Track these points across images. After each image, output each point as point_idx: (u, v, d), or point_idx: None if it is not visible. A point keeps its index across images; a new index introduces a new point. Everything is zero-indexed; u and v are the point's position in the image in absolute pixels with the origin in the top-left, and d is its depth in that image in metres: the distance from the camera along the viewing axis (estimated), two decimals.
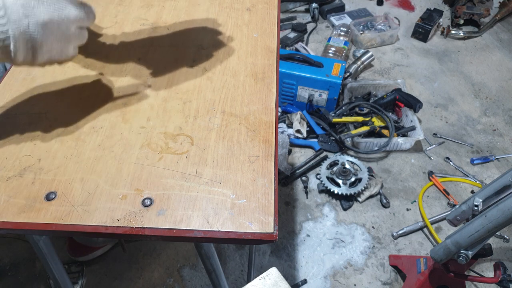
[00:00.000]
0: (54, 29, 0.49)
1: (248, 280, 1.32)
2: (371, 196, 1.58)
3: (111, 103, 0.62)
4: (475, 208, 0.96)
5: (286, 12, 2.51)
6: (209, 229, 0.47)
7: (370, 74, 2.12)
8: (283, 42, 2.20)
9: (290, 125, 1.80)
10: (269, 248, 1.42)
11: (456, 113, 1.94)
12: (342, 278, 1.36)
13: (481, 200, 0.96)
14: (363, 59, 2.06)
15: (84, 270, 1.33)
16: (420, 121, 1.81)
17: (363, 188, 1.54)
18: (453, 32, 2.35)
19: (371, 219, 1.52)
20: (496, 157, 1.73)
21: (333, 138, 1.73)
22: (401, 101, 1.76)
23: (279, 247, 1.43)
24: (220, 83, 0.65)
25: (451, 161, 1.71)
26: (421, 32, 2.31)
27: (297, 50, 2.16)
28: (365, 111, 1.78)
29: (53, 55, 0.51)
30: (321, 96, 1.77)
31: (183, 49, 0.71)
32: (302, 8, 2.52)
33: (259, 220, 0.48)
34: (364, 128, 1.70)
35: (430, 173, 1.65)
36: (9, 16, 0.47)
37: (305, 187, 1.61)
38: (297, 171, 1.66)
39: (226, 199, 0.50)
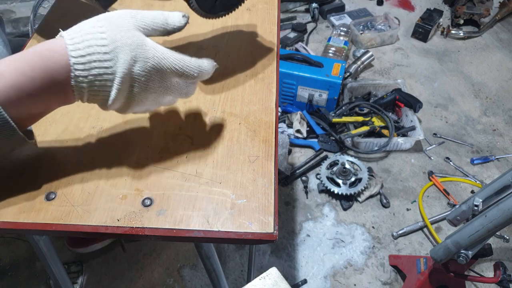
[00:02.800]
0: (157, 79, 0.45)
1: (248, 280, 1.32)
2: (371, 196, 1.58)
3: None
4: (475, 208, 0.96)
5: (286, 12, 2.50)
6: (209, 229, 0.47)
7: (370, 74, 2.12)
8: (283, 42, 2.20)
9: (290, 125, 1.80)
10: (269, 248, 1.42)
11: (456, 113, 1.94)
12: (342, 278, 1.36)
13: (481, 200, 0.96)
14: (363, 59, 2.06)
15: (84, 270, 1.33)
16: (420, 121, 1.81)
17: (363, 188, 1.54)
18: (453, 32, 2.35)
19: (371, 219, 1.52)
20: (496, 157, 1.73)
21: (333, 138, 1.73)
22: (401, 101, 1.76)
23: (279, 247, 1.43)
24: (220, 83, 0.65)
25: (451, 161, 1.71)
26: (421, 32, 2.31)
27: (297, 50, 2.16)
28: (365, 111, 1.78)
29: (148, 106, 0.47)
30: (321, 96, 1.77)
31: (183, 49, 0.71)
32: (302, 8, 2.52)
33: (259, 220, 0.48)
34: (364, 128, 1.70)
35: (430, 173, 1.65)
36: (117, 54, 0.41)
37: (305, 187, 1.61)
38: (297, 171, 1.66)
39: (226, 199, 0.50)
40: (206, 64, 0.48)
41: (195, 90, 0.52)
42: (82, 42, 0.41)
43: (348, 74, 1.97)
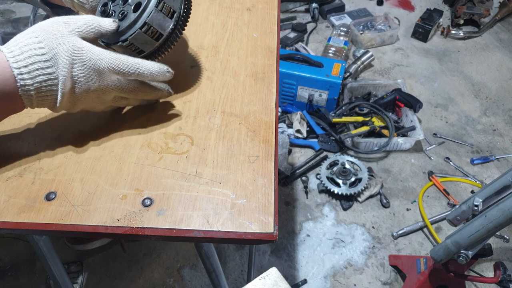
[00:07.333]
0: (95, 78, 0.49)
1: (248, 280, 1.32)
2: (371, 196, 1.58)
3: None
4: (475, 208, 0.96)
5: (286, 12, 2.51)
6: (209, 229, 0.47)
7: (370, 74, 2.12)
8: (283, 42, 2.20)
9: (290, 125, 1.80)
10: (269, 248, 1.42)
11: (456, 113, 1.94)
12: (342, 278, 1.36)
13: (481, 200, 0.96)
14: (363, 59, 2.06)
15: (84, 270, 1.33)
16: (420, 121, 1.81)
17: (363, 188, 1.54)
18: (453, 32, 2.35)
19: (371, 219, 1.52)
20: (496, 157, 1.73)
21: (333, 138, 1.73)
22: (401, 101, 1.76)
23: (279, 247, 1.43)
24: (220, 83, 0.65)
25: (451, 161, 1.71)
26: (421, 32, 2.31)
27: (297, 50, 2.16)
28: (365, 111, 1.78)
29: (91, 104, 0.52)
30: (321, 96, 1.77)
31: (183, 49, 0.71)
32: (302, 8, 2.52)
33: (259, 220, 0.48)
34: (364, 128, 1.70)
35: (430, 173, 1.65)
36: (56, 60, 0.45)
37: (305, 187, 1.61)
38: (297, 171, 1.66)
39: (226, 199, 0.50)
40: (148, 64, 0.51)
41: (154, 93, 0.57)
42: (22, 54, 0.44)
43: (348, 74, 1.97)
